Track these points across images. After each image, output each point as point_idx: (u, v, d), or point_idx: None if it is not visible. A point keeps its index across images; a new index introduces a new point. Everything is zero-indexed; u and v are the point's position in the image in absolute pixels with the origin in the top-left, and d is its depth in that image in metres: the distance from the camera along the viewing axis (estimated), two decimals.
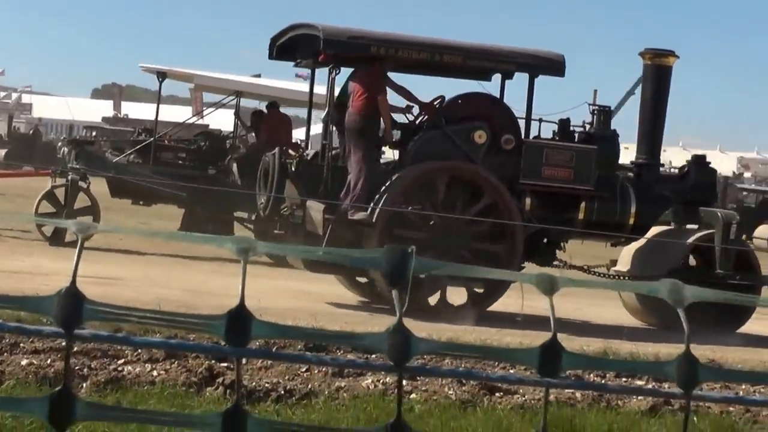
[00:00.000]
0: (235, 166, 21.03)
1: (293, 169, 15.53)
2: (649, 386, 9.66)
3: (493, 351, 1.93)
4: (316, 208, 15.09)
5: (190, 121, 26.56)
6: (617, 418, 9.40)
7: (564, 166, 15.38)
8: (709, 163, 17.19)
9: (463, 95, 15.75)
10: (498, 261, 14.67)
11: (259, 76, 33.70)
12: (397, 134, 15.63)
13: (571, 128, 15.96)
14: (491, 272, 2.86)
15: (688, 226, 16.13)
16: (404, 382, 10.17)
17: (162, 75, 22.05)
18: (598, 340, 12.96)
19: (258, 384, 9.61)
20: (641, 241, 15.97)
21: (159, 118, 22.09)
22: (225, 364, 9.73)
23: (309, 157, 15.84)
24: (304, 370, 10.05)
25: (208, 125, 34.74)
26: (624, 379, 9.95)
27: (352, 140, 15.08)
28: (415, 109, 15.95)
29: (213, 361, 9.71)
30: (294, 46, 16.32)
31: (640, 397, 9.91)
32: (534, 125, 15.73)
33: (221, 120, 35.62)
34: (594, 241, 16.25)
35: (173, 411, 7.15)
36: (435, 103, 15.76)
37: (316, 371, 10.06)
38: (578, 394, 9.90)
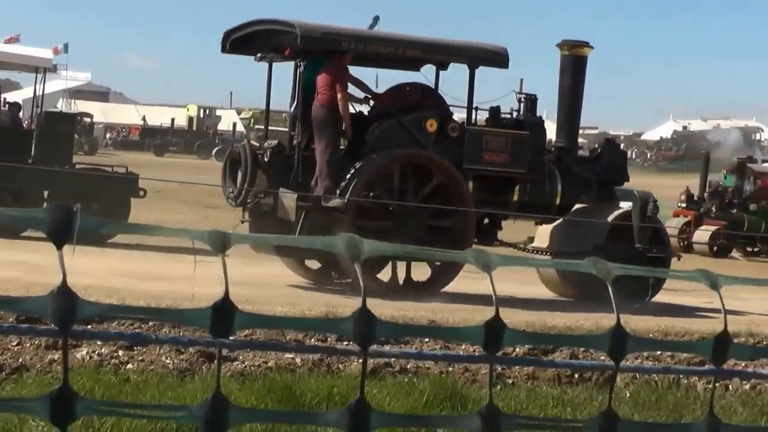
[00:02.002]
0: None
1: (266, 159, 16.14)
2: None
3: (163, 312, 1.80)
4: (289, 197, 15.81)
5: None
6: (338, 382, 9.37)
7: (501, 151, 16.48)
8: (620, 145, 18.19)
9: (404, 85, 16.74)
10: (452, 242, 15.63)
11: None
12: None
13: (501, 116, 17.00)
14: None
15: (606, 205, 17.32)
16: (121, 352, 10.00)
17: None
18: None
19: None
20: (561, 219, 17.12)
21: None
22: None
23: (273, 148, 16.37)
24: (15, 343, 9.68)
25: None
26: (346, 342, 9.94)
27: (317, 131, 15.75)
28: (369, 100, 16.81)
29: None
30: (247, 40, 16.84)
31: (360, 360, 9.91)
32: (463, 112, 16.70)
33: None
34: (523, 220, 17.38)
35: None
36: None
37: (28, 344, 9.71)
38: (298, 359, 9.85)
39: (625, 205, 17.19)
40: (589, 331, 11.91)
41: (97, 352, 9.73)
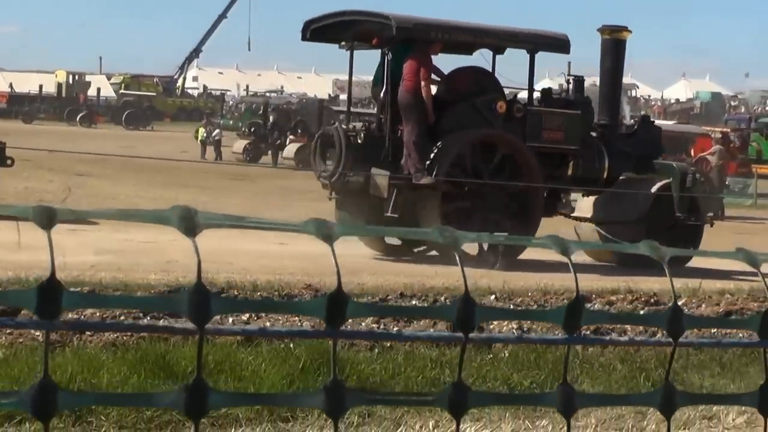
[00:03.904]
0: None
1: (359, 141, 17.47)
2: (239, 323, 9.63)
3: None
4: (381, 175, 17.12)
5: None
6: (212, 350, 9.27)
7: (558, 129, 17.92)
8: (653, 122, 20.65)
9: (467, 69, 18.21)
10: (524, 217, 17.31)
11: None
12: None
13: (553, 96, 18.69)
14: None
15: (648, 177, 18.83)
16: None
17: None
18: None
19: None
20: (606, 191, 18.64)
21: None
22: None
23: (365, 129, 17.72)
24: None
25: None
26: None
27: (405, 115, 17.09)
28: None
29: None
30: (327, 29, 18.38)
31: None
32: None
33: None
34: (574, 193, 19.29)
35: None
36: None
37: None
38: None
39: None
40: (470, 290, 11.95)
41: None
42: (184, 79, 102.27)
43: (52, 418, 1.59)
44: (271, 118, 52.40)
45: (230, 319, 9.39)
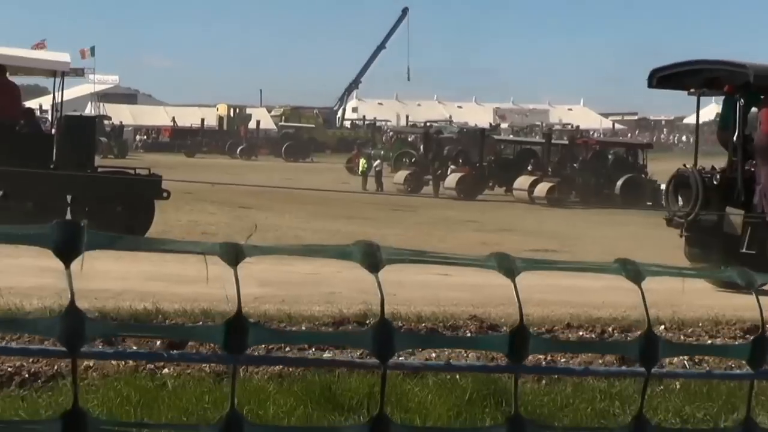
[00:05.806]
0: None
1: (714, 182, 18.60)
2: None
3: (174, 330, 1.72)
4: (736, 214, 18.19)
5: None
6: (378, 381, 9.22)
7: None
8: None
9: None
10: None
11: None
12: None
13: None
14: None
15: None
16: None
17: None
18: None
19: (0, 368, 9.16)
20: None
21: None
22: None
23: (720, 171, 18.87)
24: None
25: None
26: None
27: (762, 157, 18.16)
28: None
29: None
30: (673, 77, 19.55)
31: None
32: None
33: None
34: None
35: None
36: None
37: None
38: None
39: None
40: (636, 321, 11.73)
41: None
42: (344, 110, 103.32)
43: None
44: (428, 148, 52.73)
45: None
